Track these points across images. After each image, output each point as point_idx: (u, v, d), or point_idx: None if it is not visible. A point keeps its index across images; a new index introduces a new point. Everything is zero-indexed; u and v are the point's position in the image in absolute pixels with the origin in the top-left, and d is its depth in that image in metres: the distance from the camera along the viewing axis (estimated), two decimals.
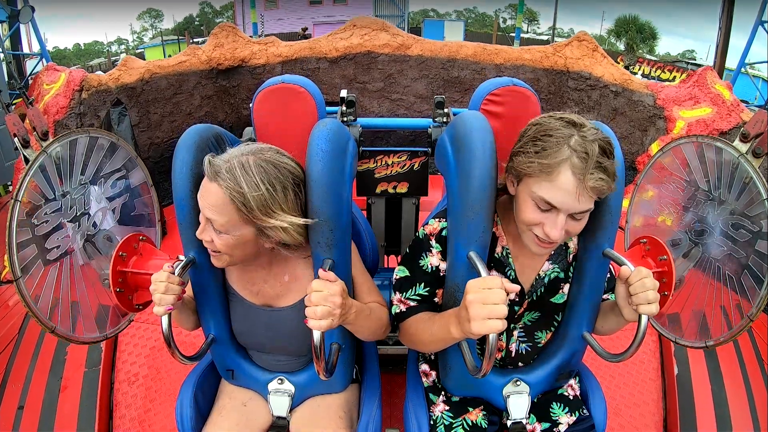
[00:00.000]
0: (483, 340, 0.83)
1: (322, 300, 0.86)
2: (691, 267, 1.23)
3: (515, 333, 1.13)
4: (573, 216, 0.91)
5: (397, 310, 1.11)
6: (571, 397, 1.21)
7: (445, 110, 1.54)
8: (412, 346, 1.11)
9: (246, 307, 1.13)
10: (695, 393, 1.92)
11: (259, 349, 1.20)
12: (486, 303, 0.80)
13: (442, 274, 1.08)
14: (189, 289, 1.16)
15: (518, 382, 1.14)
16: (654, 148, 3.30)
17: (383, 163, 1.63)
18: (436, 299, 1.11)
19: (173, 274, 0.95)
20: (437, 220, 1.10)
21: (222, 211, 0.90)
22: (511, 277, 1.08)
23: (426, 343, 1.04)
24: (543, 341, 1.16)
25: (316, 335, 0.86)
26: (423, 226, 1.13)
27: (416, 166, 1.63)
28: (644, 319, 0.92)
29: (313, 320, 0.86)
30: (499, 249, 1.07)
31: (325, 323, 0.86)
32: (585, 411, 1.20)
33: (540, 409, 1.18)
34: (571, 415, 1.18)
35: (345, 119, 1.56)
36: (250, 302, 1.13)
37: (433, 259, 1.08)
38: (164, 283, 0.93)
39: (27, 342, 2.06)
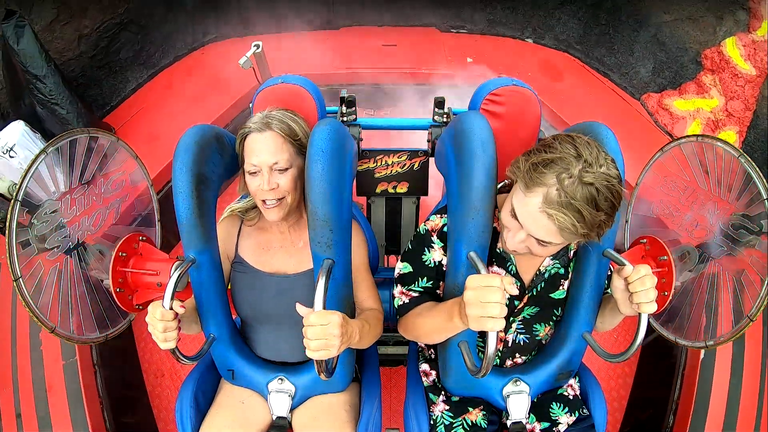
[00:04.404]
0: (483, 333, 0.84)
1: (319, 335, 0.86)
2: (693, 275, 1.22)
3: (514, 325, 1.13)
4: (538, 239, 0.89)
5: (400, 302, 1.11)
6: (570, 397, 1.21)
7: (445, 110, 1.54)
8: (413, 337, 1.11)
9: (256, 276, 1.18)
10: (714, 384, 1.83)
11: (266, 322, 1.20)
12: (483, 301, 0.80)
13: (445, 269, 1.08)
14: (190, 300, 1.16)
15: (518, 382, 1.14)
16: (728, 45, 2.56)
17: (383, 162, 1.62)
18: (438, 292, 1.11)
19: (163, 306, 0.93)
20: (438, 216, 1.11)
21: (281, 148, 1.09)
22: (512, 272, 1.08)
23: (428, 332, 1.04)
24: (541, 334, 1.16)
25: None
26: (425, 222, 1.13)
27: (416, 165, 1.63)
28: (644, 317, 0.92)
29: (311, 352, 0.86)
30: (500, 244, 1.07)
31: (324, 354, 0.86)
32: (585, 411, 1.20)
33: (540, 408, 1.18)
34: (571, 415, 1.18)
35: (345, 119, 1.56)
36: (261, 271, 1.18)
37: (435, 255, 1.09)
38: (162, 323, 0.92)
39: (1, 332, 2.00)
